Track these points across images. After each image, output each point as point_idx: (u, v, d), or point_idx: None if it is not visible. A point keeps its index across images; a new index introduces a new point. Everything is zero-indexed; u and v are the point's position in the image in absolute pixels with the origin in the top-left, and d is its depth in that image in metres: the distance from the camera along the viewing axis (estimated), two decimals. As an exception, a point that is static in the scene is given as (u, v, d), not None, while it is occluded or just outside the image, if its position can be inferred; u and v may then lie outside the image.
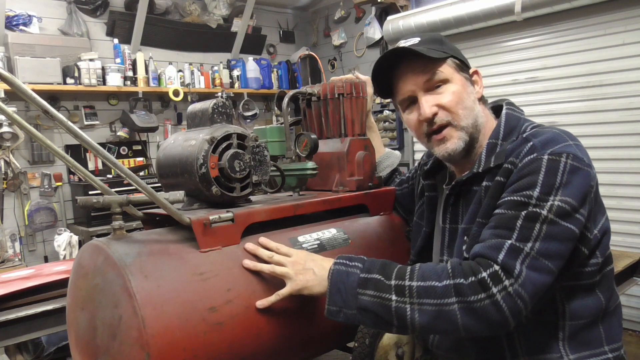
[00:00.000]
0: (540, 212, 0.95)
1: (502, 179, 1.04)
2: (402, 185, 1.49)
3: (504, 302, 0.91)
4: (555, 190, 0.96)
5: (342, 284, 1.01)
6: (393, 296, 0.97)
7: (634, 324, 3.09)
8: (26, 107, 3.85)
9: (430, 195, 1.30)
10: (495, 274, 0.92)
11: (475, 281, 0.93)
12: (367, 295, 0.98)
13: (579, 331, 1.05)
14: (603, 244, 1.06)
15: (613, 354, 1.06)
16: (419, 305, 0.95)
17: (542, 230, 0.94)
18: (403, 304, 0.96)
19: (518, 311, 0.92)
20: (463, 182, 1.15)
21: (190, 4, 4.73)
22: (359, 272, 1.01)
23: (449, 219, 1.20)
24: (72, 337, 1.12)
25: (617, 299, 1.12)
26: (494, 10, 3.37)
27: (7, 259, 3.37)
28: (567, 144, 1.01)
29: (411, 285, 0.96)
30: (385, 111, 4.73)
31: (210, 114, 1.24)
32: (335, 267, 1.04)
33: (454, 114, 1.11)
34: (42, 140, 1.07)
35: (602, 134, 3.14)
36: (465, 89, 1.13)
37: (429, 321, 0.94)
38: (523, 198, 0.97)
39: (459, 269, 0.96)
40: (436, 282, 0.95)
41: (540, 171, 0.98)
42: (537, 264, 0.93)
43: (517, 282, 0.91)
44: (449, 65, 1.13)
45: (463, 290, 0.93)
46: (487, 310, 0.91)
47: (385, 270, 1.01)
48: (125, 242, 1.03)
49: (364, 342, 1.18)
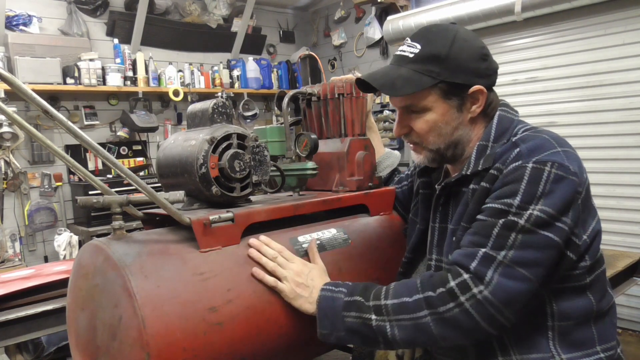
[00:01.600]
0: (517, 220, 0.96)
1: (487, 185, 1.05)
2: (402, 184, 1.50)
3: (473, 309, 0.95)
4: (537, 199, 0.96)
5: (329, 309, 1.06)
6: (373, 315, 1.02)
7: (634, 324, 3.08)
8: (26, 107, 3.85)
9: (424, 193, 1.30)
10: (464, 282, 0.96)
11: (444, 292, 0.97)
12: (351, 317, 1.04)
13: (569, 331, 1.05)
14: (593, 248, 1.05)
15: (605, 353, 1.06)
16: (397, 321, 1.00)
17: (517, 239, 0.96)
18: (383, 322, 1.01)
19: (489, 316, 0.95)
20: (452, 183, 1.16)
21: (190, 4, 4.73)
22: (343, 297, 1.06)
23: (439, 218, 1.21)
24: (72, 337, 1.12)
25: (610, 300, 1.12)
26: (494, 10, 3.36)
27: (7, 259, 3.37)
28: (555, 152, 1.00)
29: (386, 304, 1.02)
30: (385, 111, 4.73)
31: (210, 114, 1.24)
32: (322, 294, 1.08)
33: (424, 139, 1.14)
34: (42, 140, 1.07)
35: (602, 134, 3.14)
36: (446, 118, 1.10)
37: (408, 335, 0.99)
38: (503, 206, 0.99)
39: (427, 282, 1.01)
40: (407, 297, 1.00)
41: (522, 180, 0.98)
42: (510, 271, 0.95)
43: (487, 289, 0.95)
44: (434, 93, 1.09)
45: (432, 302, 0.98)
46: (457, 318, 0.95)
47: (365, 292, 1.06)
48: (125, 242, 1.03)
49: (364, 342, 1.18)
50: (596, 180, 3.08)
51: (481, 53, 1.11)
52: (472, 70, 1.09)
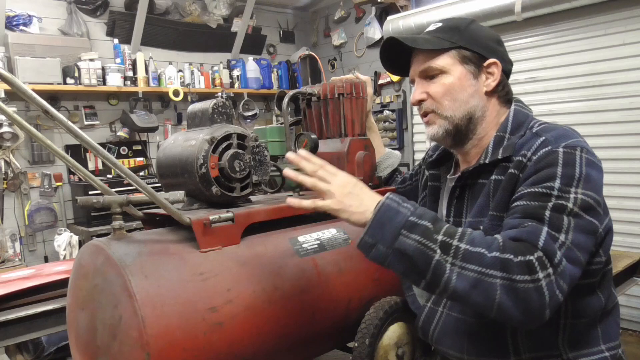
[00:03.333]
0: (565, 204, 0.94)
1: (515, 172, 1.04)
2: (405, 183, 1.49)
3: (547, 288, 0.87)
4: (576, 181, 0.96)
5: (388, 220, 0.94)
6: (437, 249, 0.91)
7: (634, 324, 3.09)
8: (26, 107, 3.85)
9: (433, 185, 1.30)
10: (541, 259, 0.89)
11: (524, 261, 0.88)
12: (411, 239, 0.92)
13: (578, 330, 1.05)
14: (606, 243, 1.06)
15: (610, 352, 1.07)
16: (461, 268, 0.90)
17: (570, 222, 0.93)
18: (444, 262, 0.90)
19: (556, 302, 0.89)
20: (469, 173, 1.15)
21: (190, 4, 4.73)
22: (409, 215, 0.95)
23: (453, 212, 1.20)
24: (72, 337, 1.12)
25: (614, 299, 1.13)
26: (494, 10, 3.37)
27: (7, 259, 3.37)
28: (579, 139, 1.02)
29: (459, 246, 0.91)
30: (385, 111, 4.73)
31: (210, 114, 1.24)
32: (387, 202, 0.96)
33: (439, 103, 1.14)
34: (42, 140, 1.07)
35: (602, 134, 3.14)
36: (462, 82, 1.13)
37: (465, 288, 0.89)
38: (545, 189, 0.96)
39: (510, 245, 0.91)
40: (485, 250, 0.90)
41: (557, 163, 0.98)
42: (572, 254, 0.91)
43: (557, 271, 0.89)
44: (452, 57, 1.13)
45: (510, 267, 0.88)
46: (529, 293, 0.87)
47: (436, 222, 0.95)
48: (125, 242, 1.03)
49: (364, 342, 1.18)
50: (596, 180, 3.08)
51: (497, 38, 1.19)
52: (489, 46, 1.15)
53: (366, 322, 1.19)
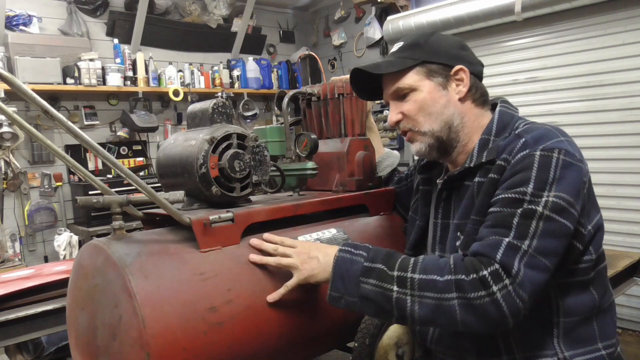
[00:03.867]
0: (535, 208, 0.95)
1: (495, 176, 1.05)
2: (401, 183, 1.50)
3: (503, 300, 0.91)
4: (549, 185, 0.97)
5: (346, 271, 1.02)
6: (395, 287, 0.98)
7: (634, 324, 3.08)
8: (26, 107, 3.85)
9: (424, 189, 1.31)
10: (496, 272, 0.92)
11: (477, 278, 0.93)
12: (369, 284, 1.00)
13: (573, 328, 1.05)
14: (596, 241, 1.06)
15: (606, 350, 1.07)
16: (420, 297, 0.96)
17: (538, 227, 0.95)
18: (404, 295, 0.97)
19: (517, 311, 0.92)
20: (455, 177, 1.16)
21: (190, 4, 4.73)
22: (363, 261, 1.02)
23: (441, 214, 1.21)
24: (72, 337, 1.12)
25: (610, 297, 1.13)
26: (494, 10, 3.37)
27: (7, 259, 3.37)
28: (559, 140, 1.02)
29: (413, 277, 0.97)
30: (385, 111, 4.73)
31: (210, 114, 1.24)
32: (340, 255, 1.05)
33: (415, 121, 1.16)
34: (42, 140, 1.07)
35: (602, 134, 3.14)
36: (433, 95, 1.14)
37: (428, 314, 0.95)
38: (517, 195, 0.98)
39: (460, 265, 0.96)
40: (438, 276, 0.96)
41: (532, 167, 0.98)
42: (534, 261, 0.94)
43: (516, 281, 0.92)
44: (417, 73, 1.14)
45: (464, 286, 0.93)
46: (487, 308, 0.92)
47: (388, 260, 1.02)
48: (125, 242, 1.03)
49: (364, 342, 1.18)
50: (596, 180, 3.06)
51: (461, 44, 1.19)
52: (452, 54, 1.16)
53: (366, 322, 1.19)
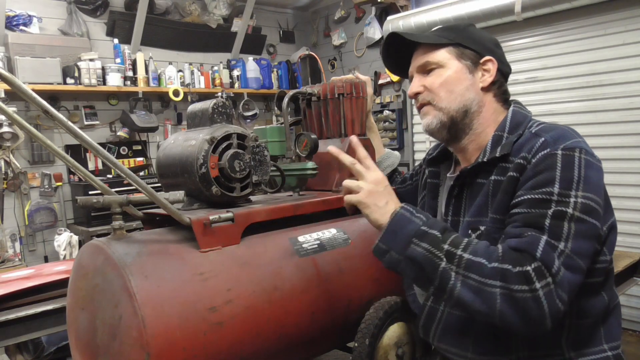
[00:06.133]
0: (565, 210, 0.95)
1: (515, 174, 1.04)
2: (405, 183, 1.50)
3: (545, 299, 0.89)
4: (575, 185, 0.96)
5: (400, 228, 1.01)
6: (443, 258, 0.97)
7: (634, 324, 3.09)
8: (26, 107, 3.85)
9: (432, 183, 1.31)
10: (539, 269, 0.91)
11: (521, 272, 0.91)
12: (421, 247, 0.98)
13: (582, 330, 1.05)
14: (610, 241, 1.06)
15: (612, 352, 1.07)
16: (464, 277, 0.94)
17: (571, 229, 0.94)
18: (450, 270, 0.96)
19: (557, 311, 0.90)
20: (468, 172, 1.15)
21: (190, 4, 4.73)
22: (421, 224, 1.01)
23: (452, 211, 1.20)
24: (72, 337, 1.12)
25: (616, 298, 1.13)
26: (494, 10, 3.37)
27: (7, 259, 3.37)
28: (578, 140, 1.02)
29: (462, 255, 0.96)
30: (385, 111, 4.73)
31: (210, 114, 1.24)
32: (400, 211, 1.03)
33: (435, 94, 1.17)
34: (42, 140, 1.07)
35: (602, 134, 3.14)
36: (459, 76, 1.16)
37: (469, 295, 0.94)
38: (544, 195, 0.97)
39: (509, 255, 0.94)
40: (485, 260, 0.94)
41: (556, 167, 0.98)
42: (571, 262, 0.92)
43: (556, 281, 0.90)
44: (449, 52, 1.17)
45: (509, 276, 0.91)
46: (528, 303, 0.90)
47: (444, 232, 1.01)
48: (125, 242, 1.03)
49: (364, 342, 1.18)
50: (596, 180, 3.08)
51: (496, 41, 1.22)
52: (486, 46, 1.19)
53: (366, 322, 1.19)
